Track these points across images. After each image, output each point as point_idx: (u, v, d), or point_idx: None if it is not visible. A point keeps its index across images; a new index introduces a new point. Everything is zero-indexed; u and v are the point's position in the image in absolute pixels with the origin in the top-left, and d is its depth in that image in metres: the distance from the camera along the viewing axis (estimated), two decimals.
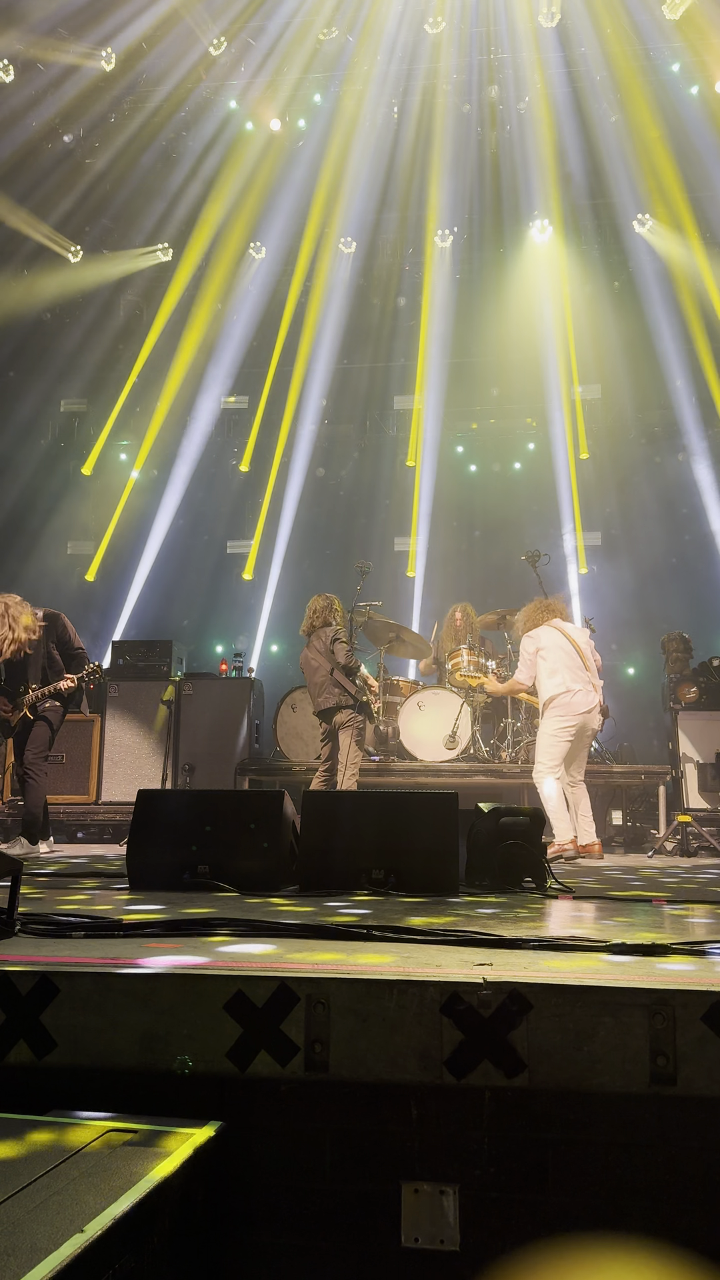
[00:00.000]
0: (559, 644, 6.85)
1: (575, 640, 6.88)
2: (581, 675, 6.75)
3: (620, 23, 10.60)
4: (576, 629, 7.10)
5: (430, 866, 3.85)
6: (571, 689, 6.69)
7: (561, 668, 6.78)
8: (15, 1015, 1.99)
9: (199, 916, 2.84)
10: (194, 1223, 1.66)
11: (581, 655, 6.81)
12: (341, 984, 1.92)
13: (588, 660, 6.83)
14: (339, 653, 7.55)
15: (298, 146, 12.22)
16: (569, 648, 6.83)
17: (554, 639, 6.89)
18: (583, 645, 6.88)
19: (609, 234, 12.76)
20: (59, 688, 6.60)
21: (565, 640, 6.87)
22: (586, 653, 6.86)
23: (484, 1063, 1.84)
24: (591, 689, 6.74)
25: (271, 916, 2.91)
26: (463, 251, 13.21)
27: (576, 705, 6.67)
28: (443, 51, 11.23)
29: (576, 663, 6.79)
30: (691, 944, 2.36)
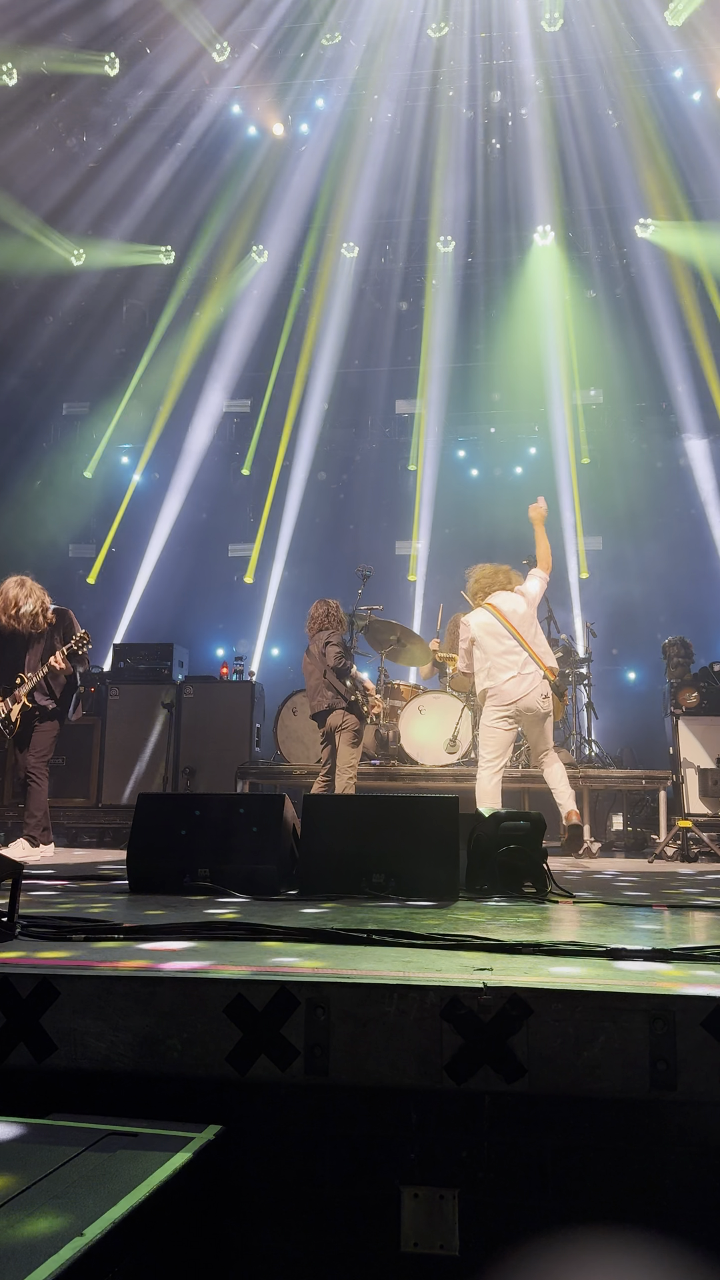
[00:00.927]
0: (490, 629, 6.52)
1: (507, 617, 6.52)
2: (511, 660, 6.42)
3: (622, 29, 10.62)
4: (512, 600, 6.64)
5: (431, 871, 3.84)
6: (499, 679, 6.41)
7: (491, 655, 6.47)
8: (15, 1018, 1.99)
9: (199, 920, 2.84)
10: (194, 1226, 1.66)
11: (516, 633, 6.46)
12: (342, 988, 1.93)
13: (524, 637, 6.48)
14: (329, 655, 7.58)
15: (300, 151, 12.24)
16: (500, 629, 6.49)
17: (484, 623, 6.55)
18: (518, 620, 6.53)
19: (611, 239, 12.78)
20: (51, 665, 6.57)
21: (497, 621, 6.52)
22: (523, 627, 6.52)
23: (484, 1067, 1.84)
24: (525, 672, 6.40)
25: (272, 920, 2.91)
26: (465, 256, 13.23)
27: (507, 694, 6.39)
28: (445, 56, 11.25)
29: (506, 645, 6.46)
30: (692, 949, 2.36)
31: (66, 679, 6.77)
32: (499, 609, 6.58)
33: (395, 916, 3.21)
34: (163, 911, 3.28)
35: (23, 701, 6.62)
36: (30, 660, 6.70)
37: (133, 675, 9.47)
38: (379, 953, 2.38)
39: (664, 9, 10.21)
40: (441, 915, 3.30)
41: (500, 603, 6.62)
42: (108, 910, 3.27)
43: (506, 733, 6.52)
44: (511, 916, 3.32)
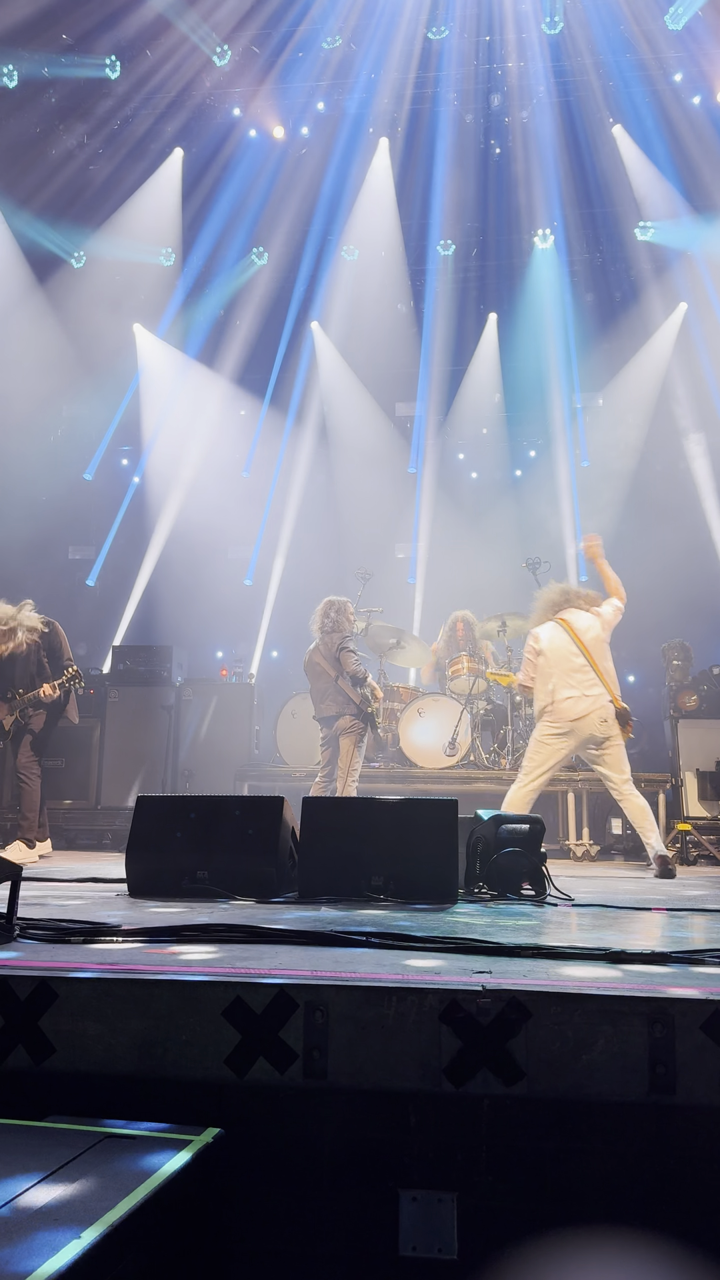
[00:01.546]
0: (559, 644, 6.37)
1: (581, 637, 6.35)
2: (577, 679, 6.23)
3: (622, 32, 10.63)
4: (587, 619, 6.48)
5: (430, 873, 3.84)
6: (559, 696, 6.23)
7: (556, 672, 6.30)
8: (14, 1020, 1.99)
9: (198, 923, 2.83)
10: (192, 1229, 1.66)
11: (588, 654, 6.28)
12: (340, 991, 1.92)
13: (595, 659, 6.28)
14: (346, 661, 7.53)
15: (301, 154, 12.25)
16: (570, 647, 6.32)
17: (554, 637, 6.41)
18: (590, 640, 6.34)
19: (611, 242, 12.78)
20: (39, 695, 6.61)
21: (568, 638, 6.36)
22: (595, 649, 6.33)
23: (483, 1071, 1.83)
24: (589, 694, 6.20)
25: (270, 923, 2.91)
26: (464, 259, 13.24)
27: (565, 712, 6.20)
28: (445, 60, 11.26)
29: (575, 664, 6.27)
30: (690, 953, 2.36)
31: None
32: (573, 626, 6.42)
33: (394, 919, 3.21)
34: (161, 914, 3.28)
35: (16, 717, 6.67)
36: (18, 674, 6.74)
37: (132, 677, 9.46)
38: (378, 955, 2.38)
39: (664, 13, 10.22)
40: (440, 918, 3.30)
41: (575, 620, 6.46)
42: (106, 912, 3.27)
43: (554, 750, 6.26)
44: (510, 919, 3.32)
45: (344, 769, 7.52)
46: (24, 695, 6.64)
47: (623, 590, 6.71)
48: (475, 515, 13.47)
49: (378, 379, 13.81)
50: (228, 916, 3.14)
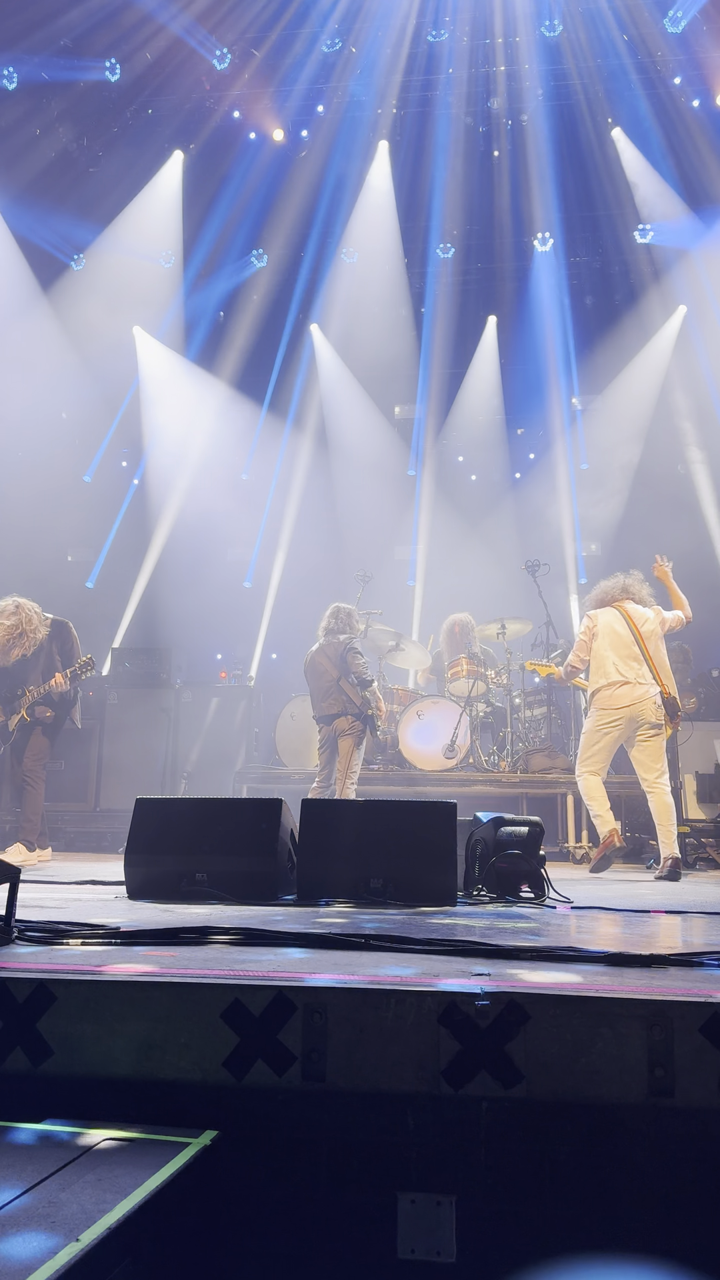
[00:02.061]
0: (616, 629, 6.42)
1: (639, 627, 6.41)
2: (634, 667, 6.29)
3: (621, 35, 10.64)
4: (646, 613, 6.54)
5: (429, 876, 3.84)
6: (614, 681, 6.28)
7: (611, 657, 6.35)
8: (12, 1022, 1.99)
9: (196, 925, 2.83)
10: (190, 1232, 1.65)
11: (643, 644, 6.33)
12: (339, 993, 1.92)
13: (650, 650, 6.35)
14: (353, 664, 7.54)
15: (300, 156, 12.26)
16: (627, 635, 6.38)
17: (612, 622, 6.46)
18: (648, 632, 6.40)
19: (610, 245, 12.80)
20: (51, 686, 6.62)
21: (626, 625, 6.42)
22: (650, 641, 6.39)
23: (481, 1073, 1.83)
24: (641, 683, 6.25)
25: (269, 925, 2.90)
26: (463, 262, 13.25)
27: (618, 699, 6.25)
28: (444, 63, 11.28)
29: (631, 652, 6.33)
30: (689, 955, 2.36)
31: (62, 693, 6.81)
32: (631, 615, 6.48)
33: (393, 921, 3.20)
34: (160, 916, 3.28)
35: (21, 714, 6.66)
36: (32, 676, 6.76)
37: (131, 680, 9.46)
38: (376, 958, 2.38)
39: (663, 16, 10.24)
40: (439, 920, 3.30)
41: (634, 611, 6.52)
42: (105, 915, 3.26)
43: (610, 738, 6.35)
44: (509, 922, 3.32)
45: (343, 771, 7.53)
46: (33, 691, 6.65)
47: (689, 610, 6.75)
48: (475, 517, 13.49)
49: (377, 381, 13.83)
50: (226, 919, 3.14)
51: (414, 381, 13.72)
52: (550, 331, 13.05)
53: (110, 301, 12.61)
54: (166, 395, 13.44)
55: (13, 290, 11.81)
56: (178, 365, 13.44)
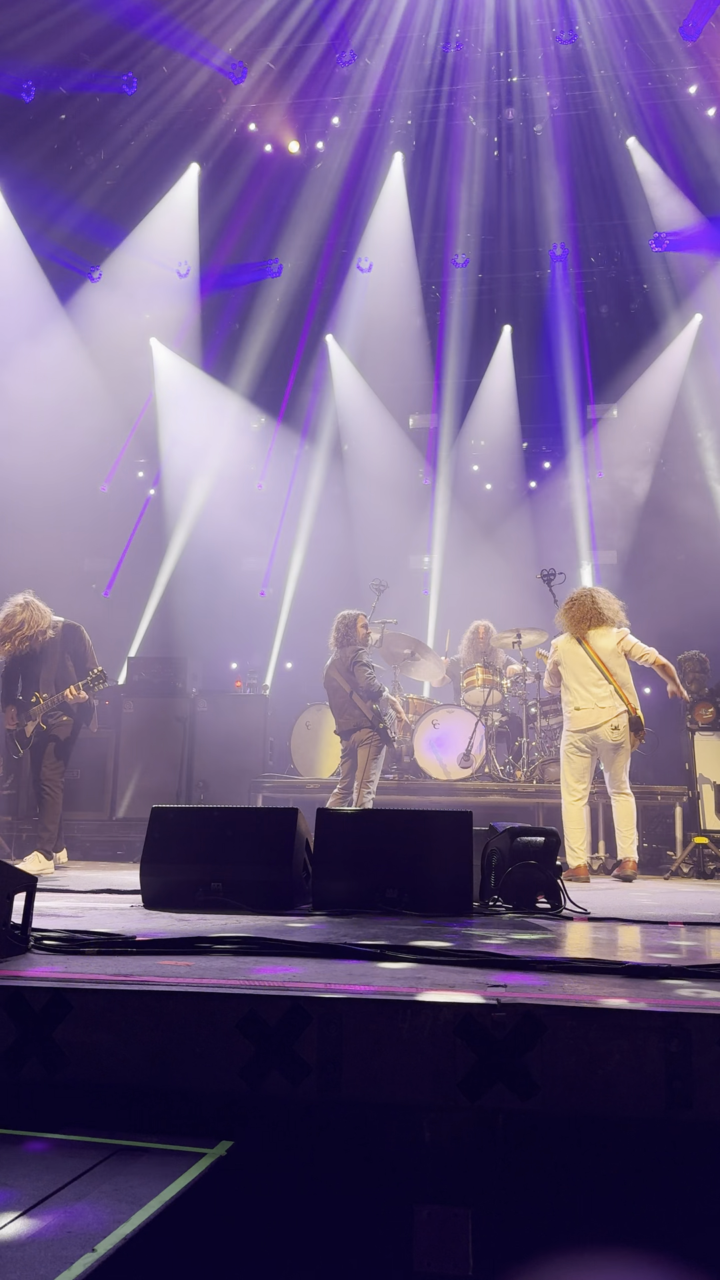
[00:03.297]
0: (575, 656, 6.72)
1: (596, 650, 6.68)
2: (593, 691, 6.59)
3: (636, 45, 10.66)
4: (606, 639, 6.75)
5: (444, 886, 3.83)
6: (578, 706, 6.63)
7: (573, 683, 6.70)
8: (28, 1031, 1.99)
9: (212, 934, 2.83)
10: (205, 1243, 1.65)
11: (603, 666, 6.62)
12: (354, 1004, 1.92)
13: (611, 671, 6.62)
14: (359, 676, 7.53)
15: (316, 168, 12.32)
16: (585, 660, 6.67)
17: (570, 650, 6.77)
18: (607, 654, 6.67)
19: (625, 254, 12.79)
20: (65, 697, 6.63)
21: (583, 651, 6.70)
22: (611, 661, 6.65)
23: (498, 1085, 1.82)
24: (603, 705, 6.55)
25: (284, 935, 2.90)
26: (478, 271, 13.27)
27: (579, 721, 6.61)
28: (459, 74, 11.32)
29: (590, 677, 6.63)
30: (707, 967, 2.34)
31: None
32: (591, 645, 6.73)
33: (409, 931, 3.19)
34: (175, 925, 3.28)
35: (38, 722, 6.68)
36: (43, 678, 6.76)
37: (147, 689, 9.48)
38: (392, 968, 2.37)
39: (678, 25, 10.25)
40: (455, 931, 3.29)
41: (595, 640, 6.75)
42: (121, 924, 3.27)
43: (579, 759, 6.69)
44: (525, 933, 3.30)
45: (360, 780, 7.52)
46: (47, 699, 6.67)
47: (656, 660, 6.81)
48: (490, 527, 13.47)
49: (392, 391, 13.85)
50: (242, 928, 3.14)
51: (429, 391, 13.73)
52: (565, 340, 13.05)
53: (127, 313, 12.69)
54: (182, 406, 13.50)
55: (32, 305, 11.90)
56: (193, 376, 13.50)
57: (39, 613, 6.78)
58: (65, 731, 6.77)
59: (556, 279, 12.91)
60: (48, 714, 6.68)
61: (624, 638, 6.76)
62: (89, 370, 12.41)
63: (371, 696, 7.51)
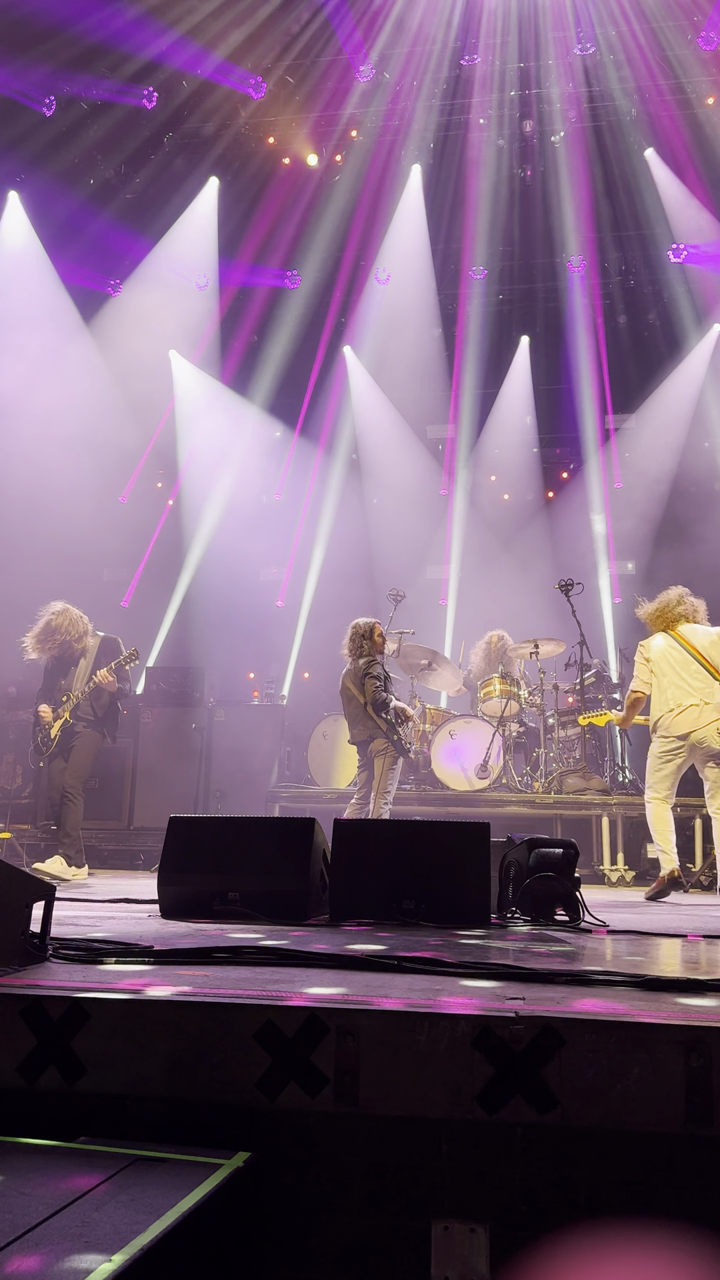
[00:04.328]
0: (670, 655, 6.30)
1: (696, 647, 6.26)
2: (693, 690, 6.12)
3: (654, 56, 10.67)
4: (703, 632, 6.37)
5: (462, 897, 3.82)
6: (674, 707, 6.14)
7: (668, 684, 6.22)
8: (46, 1040, 2.00)
9: (229, 944, 2.83)
10: (221, 1254, 1.65)
11: (707, 663, 6.16)
12: (372, 1016, 1.91)
13: (716, 664, 6.16)
14: (368, 689, 7.50)
15: (334, 181, 12.39)
16: (683, 658, 6.24)
17: (666, 648, 6.35)
18: (707, 649, 6.23)
19: (643, 265, 12.79)
20: (98, 682, 6.78)
21: (681, 649, 6.29)
22: (714, 657, 6.19)
23: (516, 1098, 1.81)
24: (709, 702, 6.06)
25: (302, 945, 2.90)
26: (496, 282, 13.30)
27: (678, 725, 6.10)
28: (477, 86, 11.36)
29: (688, 675, 6.17)
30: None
31: (109, 699, 6.97)
32: (687, 639, 6.35)
33: (426, 943, 3.18)
34: (193, 935, 3.28)
35: (64, 717, 6.75)
36: (76, 683, 6.93)
37: (164, 698, 9.52)
38: (409, 980, 2.36)
39: (696, 36, 10.25)
40: (472, 942, 3.27)
41: (690, 633, 6.39)
42: (138, 933, 3.27)
43: (668, 763, 6.22)
44: (544, 945, 3.29)
45: (377, 790, 7.50)
46: (75, 694, 6.81)
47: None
48: (507, 537, 13.46)
49: (409, 402, 13.88)
50: (259, 939, 3.14)
51: (446, 401, 13.75)
52: (583, 351, 13.05)
53: (147, 326, 12.77)
54: (201, 417, 13.57)
55: (52, 317, 12.00)
56: (212, 388, 13.57)
57: (74, 619, 6.99)
58: (92, 743, 6.91)
59: (574, 289, 12.92)
60: (74, 709, 6.79)
61: (711, 631, 6.38)
62: (108, 381, 12.50)
63: (379, 708, 7.48)
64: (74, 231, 11.81)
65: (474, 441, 13.81)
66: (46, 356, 11.73)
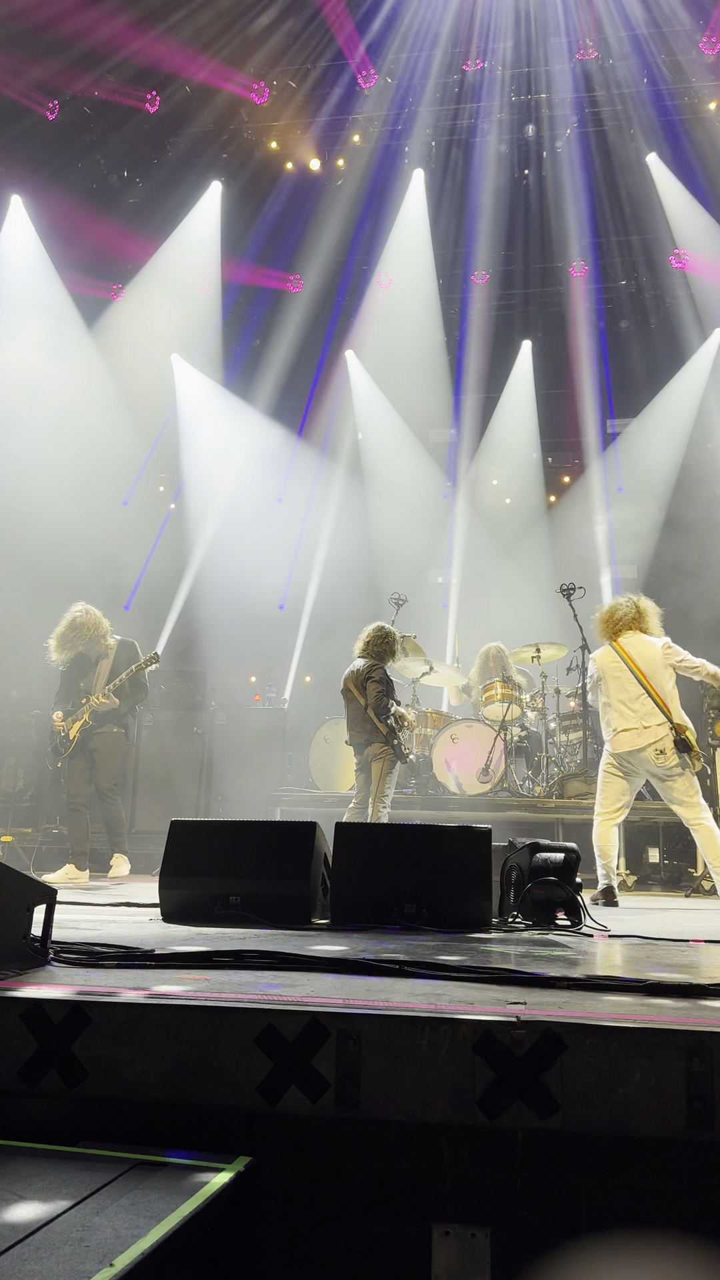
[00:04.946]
0: (614, 671, 6.11)
1: (637, 661, 6.05)
2: (634, 708, 5.94)
3: (657, 61, 10.69)
4: (644, 644, 6.15)
5: (463, 901, 3.81)
6: (617, 727, 6.00)
7: (613, 701, 6.06)
8: (47, 1045, 2.00)
9: (230, 948, 2.83)
10: (223, 1259, 1.65)
11: (645, 680, 5.96)
12: (373, 1020, 1.91)
13: (655, 685, 5.96)
14: (370, 692, 7.50)
15: (337, 185, 12.41)
16: (625, 674, 6.04)
17: (609, 664, 6.15)
18: (650, 665, 6.02)
19: (645, 270, 12.81)
20: (120, 683, 6.94)
21: (622, 663, 6.08)
22: (655, 675, 5.99)
23: (517, 1103, 1.81)
24: (646, 726, 5.89)
25: (303, 949, 2.89)
26: (499, 287, 13.32)
27: (619, 744, 6.00)
28: (480, 92, 11.39)
29: (630, 693, 5.98)
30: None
31: (124, 701, 7.11)
32: (627, 652, 6.13)
33: (427, 947, 3.18)
34: (194, 939, 3.28)
35: (84, 719, 6.87)
36: (97, 684, 7.05)
37: (166, 702, 9.52)
38: (411, 984, 2.36)
39: (698, 41, 10.28)
40: (474, 947, 3.27)
41: (631, 646, 6.15)
42: (140, 937, 3.27)
43: (616, 780, 6.09)
44: (545, 949, 3.28)
45: (375, 794, 7.49)
46: (96, 696, 6.91)
47: (707, 671, 6.14)
48: (509, 541, 13.47)
49: (411, 406, 13.89)
50: (260, 943, 3.13)
51: (448, 406, 13.77)
52: (585, 355, 13.06)
53: (150, 330, 12.79)
54: (203, 421, 13.59)
55: (56, 321, 12.02)
56: (214, 392, 13.59)
57: (98, 619, 7.16)
58: (115, 745, 7.08)
59: (576, 294, 12.93)
60: (96, 717, 6.91)
61: (668, 646, 6.13)
62: (111, 385, 12.51)
63: (380, 712, 7.48)
64: (77, 235, 11.83)
65: (476, 445, 13.82)
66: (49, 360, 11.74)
